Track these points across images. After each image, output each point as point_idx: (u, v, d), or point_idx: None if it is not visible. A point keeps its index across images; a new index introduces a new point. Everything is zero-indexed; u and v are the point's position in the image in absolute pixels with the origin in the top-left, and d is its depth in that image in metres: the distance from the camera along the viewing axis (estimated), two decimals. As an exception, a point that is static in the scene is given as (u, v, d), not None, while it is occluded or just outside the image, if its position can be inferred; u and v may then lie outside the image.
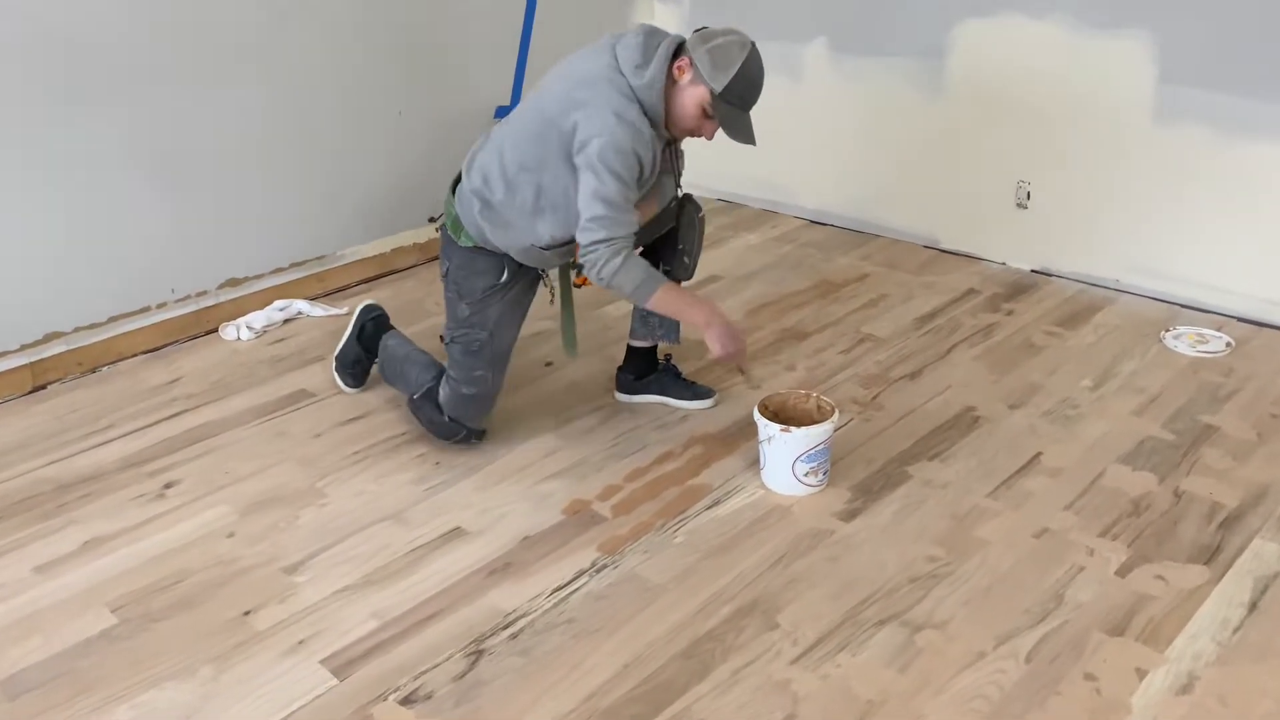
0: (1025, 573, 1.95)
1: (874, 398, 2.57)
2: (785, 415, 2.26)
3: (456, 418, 2.33)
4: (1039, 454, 2.32)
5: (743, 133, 2.14)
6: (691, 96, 2.11)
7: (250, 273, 3.11)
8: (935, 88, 3.29)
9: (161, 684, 1.77)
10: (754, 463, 2.30)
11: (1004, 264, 3.31)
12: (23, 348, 2.72)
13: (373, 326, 2.65)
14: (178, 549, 2.11)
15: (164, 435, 2.52)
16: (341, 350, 2.67)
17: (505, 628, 1.86)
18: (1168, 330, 2.84)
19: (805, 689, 1.70)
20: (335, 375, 2.69)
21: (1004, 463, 2.29)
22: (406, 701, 1.71)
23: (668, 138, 2.19)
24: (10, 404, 2.68)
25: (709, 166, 4.03)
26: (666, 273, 2.37)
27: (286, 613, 1.92)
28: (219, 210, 2.98)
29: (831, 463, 2.22)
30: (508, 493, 2.24)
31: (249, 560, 2.07)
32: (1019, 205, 3.23)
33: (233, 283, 3.08)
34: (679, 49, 2.12)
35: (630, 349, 2.56)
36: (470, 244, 2.28)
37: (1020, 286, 3.16)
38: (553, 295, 2.42)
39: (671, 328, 2.50)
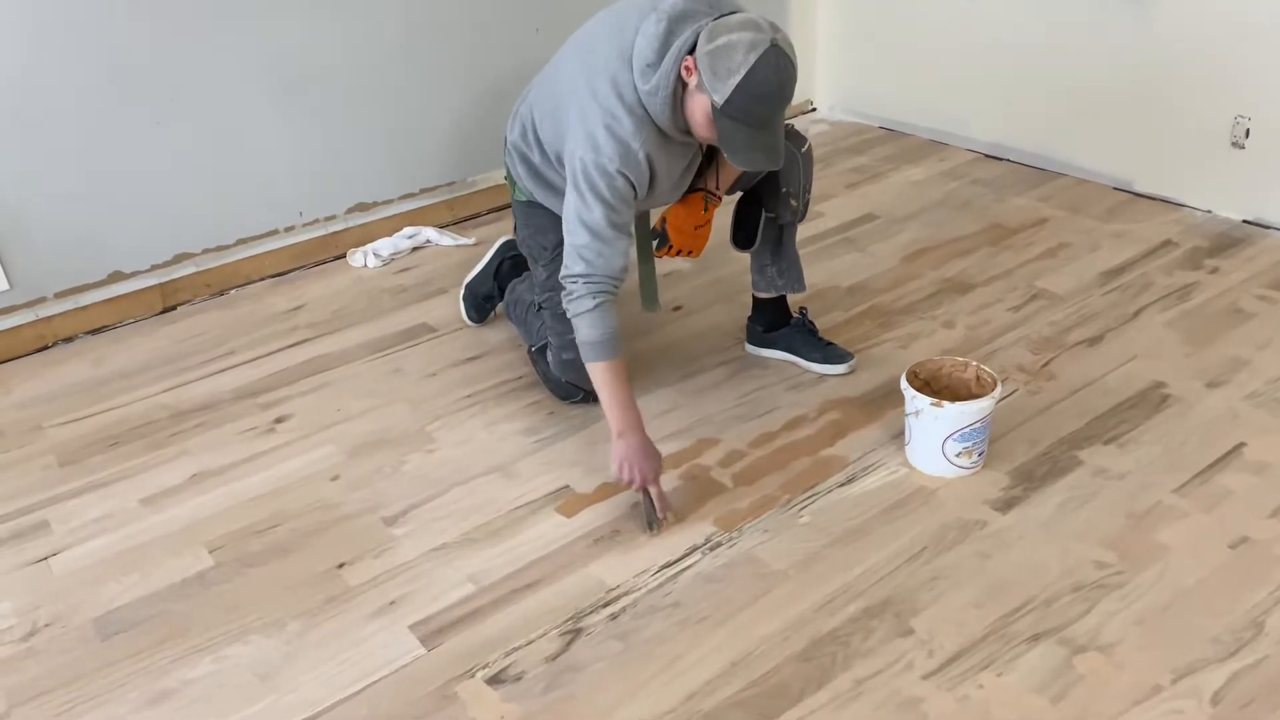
0: (1216, 591, 1.65)
1: (1044, 365, 2.26)
2: (938, 385, 1.99)
3: (570, 380, 2.16)
4: (1241, 445, 1.97)
5: (748, 154, 1.75)
6: (699, 105, 1.73)
7: (379, 198, 3.00)
8: (1136, 0, 2.85)
9: (247, 636, 1.69)
10: (897, 436, 2.04)
11: (1210, 212, 2.87)
12: (153, 268, 2.70)
13: (510, 266, 2.50)
14: (281, 489, 2.03)
15: (281, 365, 2.46)
16: (474, 281, 2.54)
17: (606, 605, 1.70)
18: None
19: (939, 711, 1.48)
20: (461, 305, 2.56)
21: (1196, 453, 1.96)
22: (495, 681, 1.58)
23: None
24: (141, 324, 2.67)
25: (868, 90, 3.68)
26: (771, 219, 2.11)
27: (381, 568, 1.81)
28: (348, 133, 2.87)
29: (989, 441, 1.94)
30: (622, 451, 2.07)
31: (350, 507, 1.97)
32: (1234, 144, 2.78)
33: (361, 208, 2.98)
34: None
35: (756, 300, 2.32)
36: (525, 198, 2.09)
37: (1228, 240, 2.73)
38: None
39: (794, 277, 2.24)
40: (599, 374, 1.87)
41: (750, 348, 2.35)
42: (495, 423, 2.19)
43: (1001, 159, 3.33)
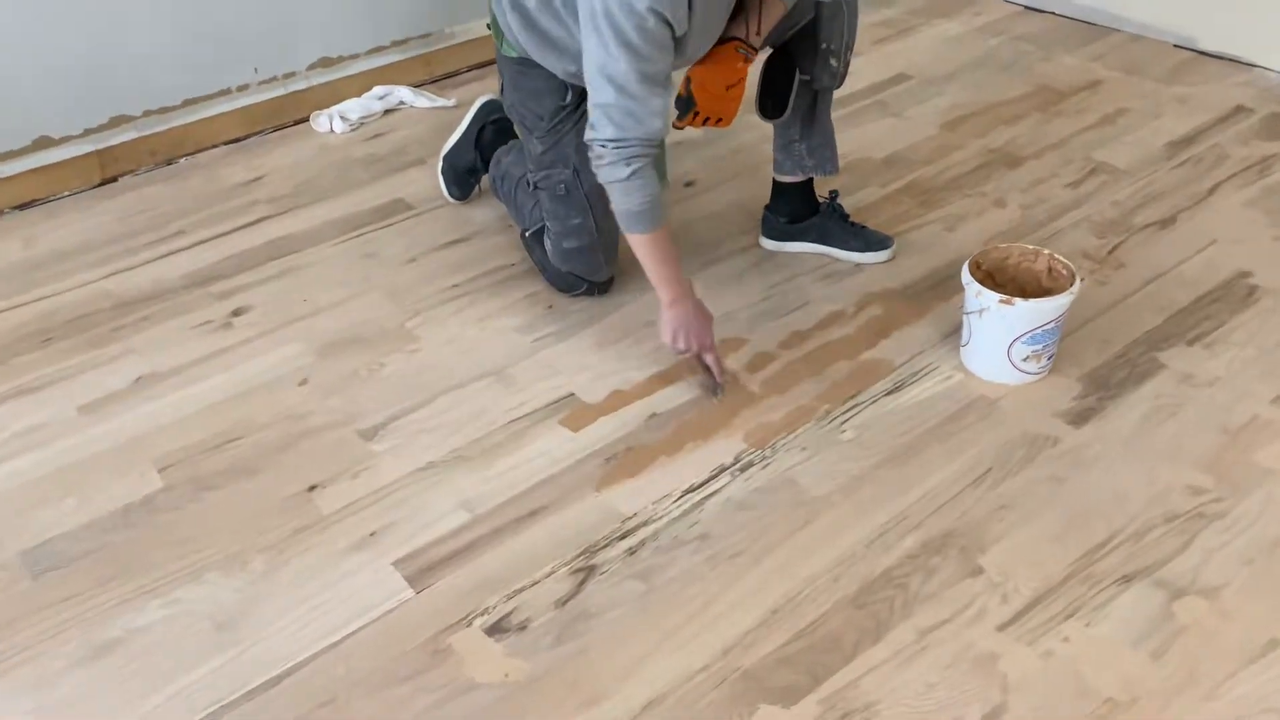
0: (1330, 522, 1.43)
1: (1111, 251, 1.98)
2: (1003, 278, 1.72)
3: (572, 271, 1.87)
4: (1343, 345, 1.73)
5: None
6: None
7: (345, 52, 2.63)
8: None
9: (204, 574, 1.45)
10: (951, 334, 1.78)
11: (1284, 74, 2.56)
12: (87, 133, 2.36)
13: (493, 131, 2.17)
14: (241, 395, 1.76)
15: (239, 248, 2.15)
16: (452, 152, 2.21)
17: (622, 537, 1.46)
18: None
19: (1019, 670, 1.26)
20: (441, 180, 2.24)
21: (1294, 356, 1.71)
22: (496, 630, 1.35)
23: None
24: (77, 198, 2.34)
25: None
26: (805, 83, 1.81)
27: (359, 492, 1.56)
28: (307, -27, 2.49)
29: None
30: (632, 353, 1.80)
31: (321, 418, 1.71)
32: (1320, -5, 2.44)
33: (325, 63, 2.61)
34: None
35: (777, 186, 2.00)
36: (515, 54, 1.75)
37: (1307, 106, 2.43)
38: None
39: (826, 156, 1.92)
40: (642, 247, 1.63)
41: (767, 243, 2.05)
42: (487, 318, 1.91)
43: (1044, 11, 2.97)
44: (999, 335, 1.63)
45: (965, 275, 1.65)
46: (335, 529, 1.51)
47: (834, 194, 1.99)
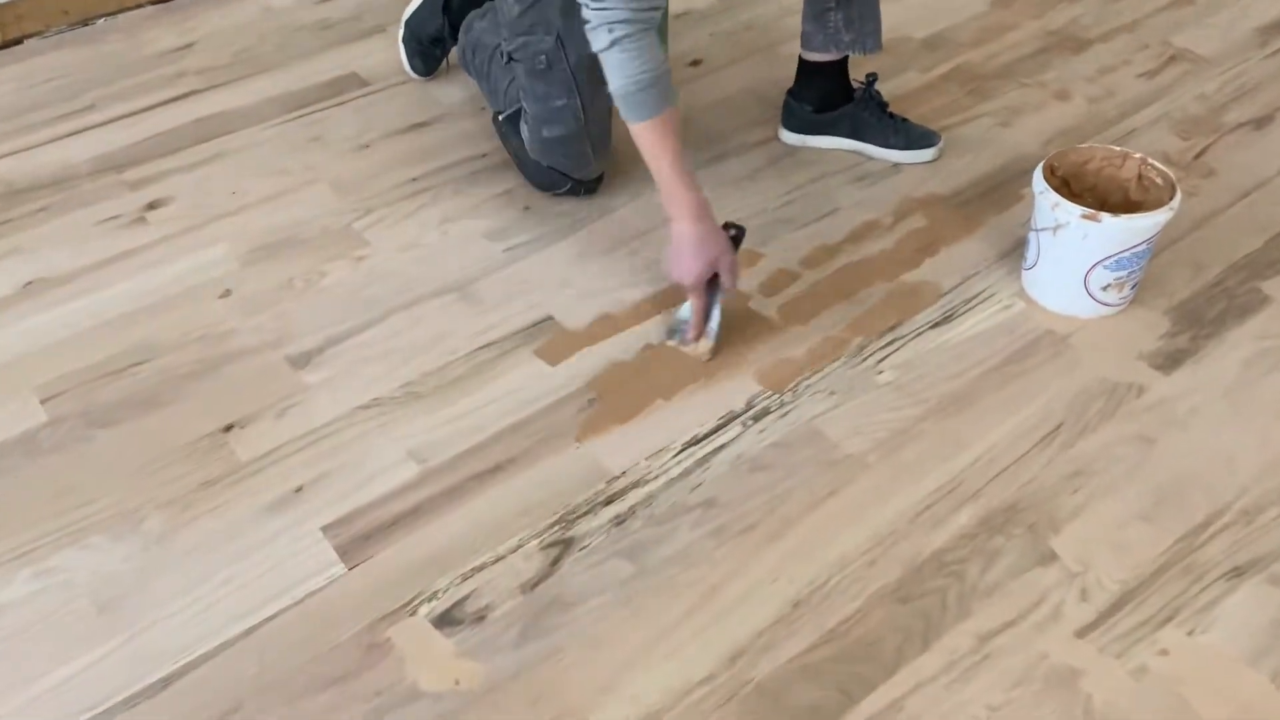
0: None
1: (1198, 155, 1.67)
2: (1080, 186, 1.41)
3: (553, 165, 1.55)
4: None
5: None
6: None
7: (293, -104, 2.24)
8: None
9: (87, 537, 1.17)
10: (1010, 253, 1.48)
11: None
12: (-19, -15, 1.98)
13: (464, -7, 1.82)
14: (149, 309, 1.45)
15: (160, 127, 1.81)
16: (415, 18, 1.86)
17: (608, 502, 1.18)
18: None
19: (1106, 691, 1.00)
20: (402, 50, 1.89)
21: None
22: (445, 622, 1.08)
23: None
24: (-28, 64, 1.99)
25: None
26: None
27: (285, 434, 1.27)
28: None
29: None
30: (624, 267, 1.49)
31: (244, 338, 1.40)
32: None
33: (269, -90, 2.22)
34: None
35: (805, 66, 1.66)
36: None
37: None
38: None
39: (867, 30, 1.58)
40: (645, 136, 1.28)
41: (789, 136, 1.71)
42: (451, 220, 1.59)
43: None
44: (1076, 258, 1.32)
45: (1039, 182, 1.33)
46: (253, 481, 1.22)
47: (872, 78, 1.66)
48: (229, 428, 1.28)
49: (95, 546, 1.16)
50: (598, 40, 1.23)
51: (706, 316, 1.34)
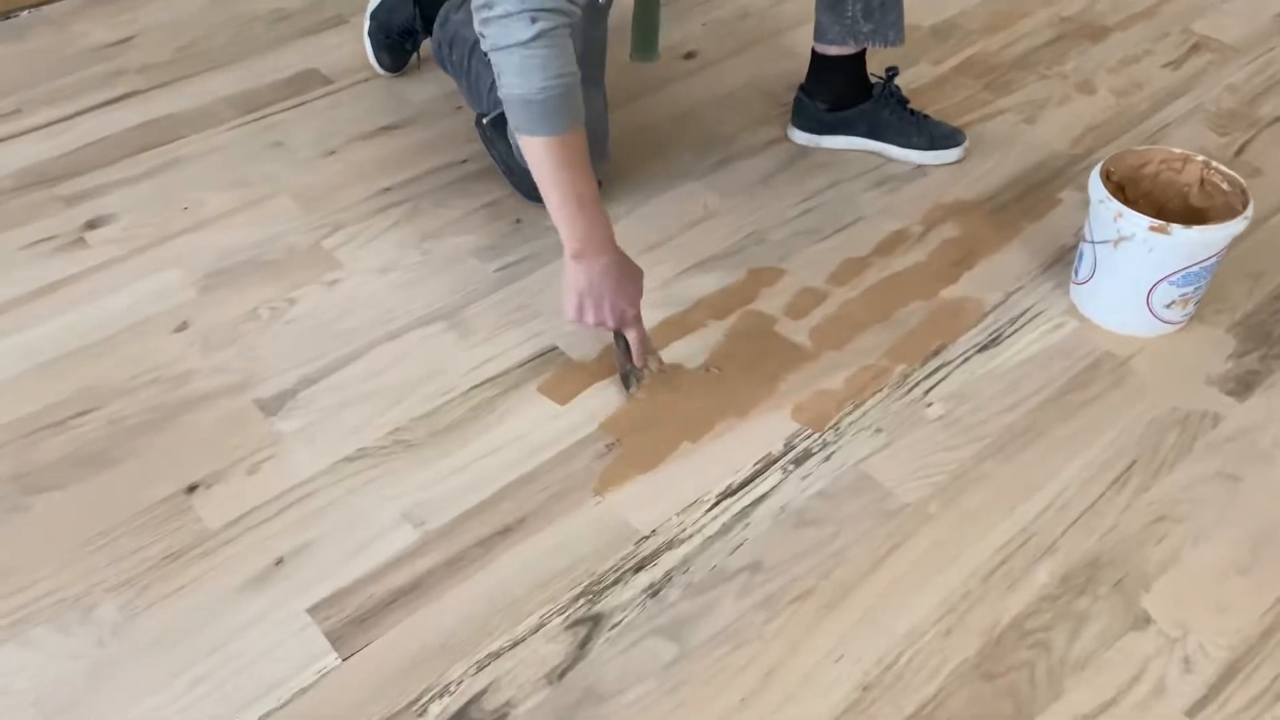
0: None
1: (1238, 152, 1.55)
2: (1136, 192, 1.28)
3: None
4: None
5: None
6: None
7: (238, -126, 2.04)
8: None
9: (27, 631, 0.99)
10: (1053, 264, 1.35)
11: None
12: (-113, -25, 1.77)
13: (435, -20, 1.64)
14: (92, 347, 1.27)
15: (97, 134, 1.62)
16: (382, 7, 1.69)
17: (638, 569, 1.03)
18: None
19: (1224, 782, 0.88)
20: (368, 44, 1.71)
21: None
22: None
23: None
24: (-121, 64, 1.77)
25: None
26: None
27: (258, 495, 1.10)
28: None
29: (1203, 280, 1.26)
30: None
31: (205, 381, 1.23)
32: None
33: (212, -111, 2.02)
34: None
35: (819, 60, 1.51)
36: None
37: None
38: None
39: (889, 20, 1.43)
40: (541, 157, 1.08)
41: (799, 135, 1.57)
42: (432, 237, 1.42)
43: None
44: (1140, 273, 1.20)
45: (1098, 189, 1.20)
46: (224, 554, 1.05)
47: (892, 72, 1.52)
48: (192, 489, 1.11)
49: (37, 643, 0.98)
50: (514, 31, 1.03)
51: (627, 347, 1.20)
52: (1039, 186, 1.49)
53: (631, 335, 1.18)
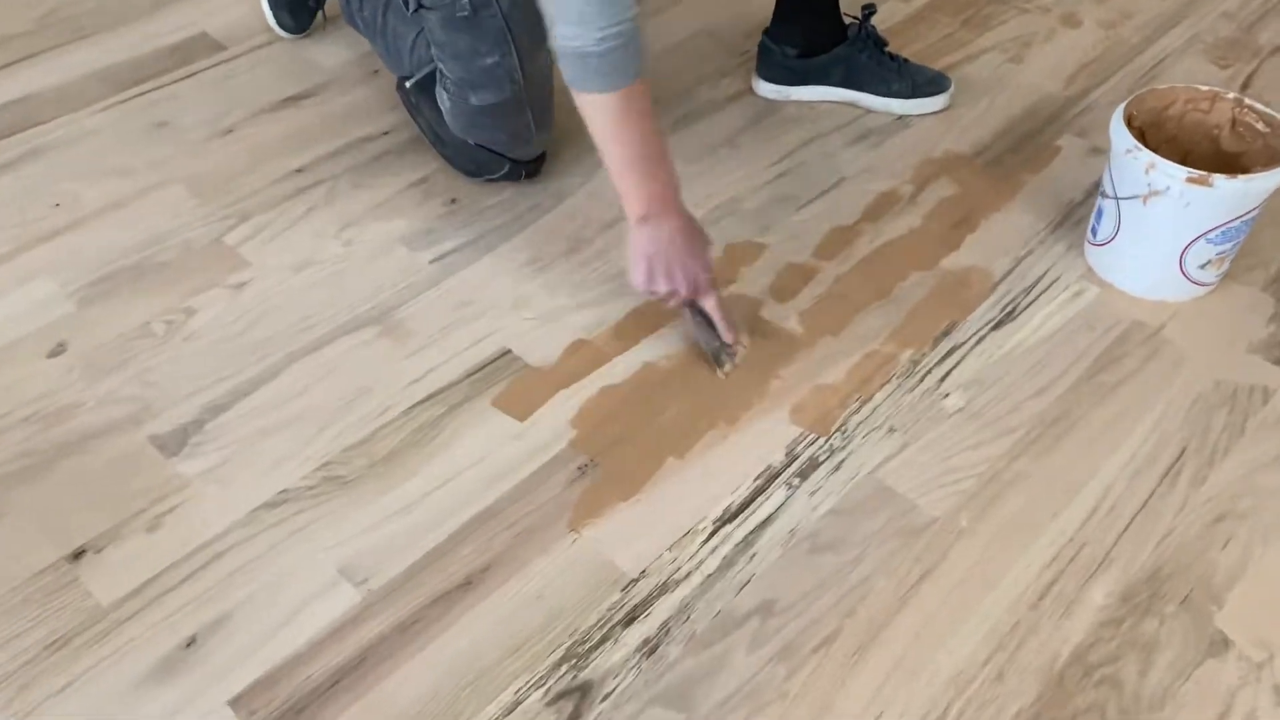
0: None
1: (1244, 86, 1.42)
2: (1158, 136, 1.13)
3: (484, 143, 1.20)
4: None
5: None
6: None
7: None
8: None
9: (-124, 756, 0.80)
10: (1062, 222, 1.21)
11: None
12: None
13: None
14: (-52, 380, 1.06)
15: (-54, 120, 1.38)
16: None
17: (629, 622, 0.86)
18: None
19: (1340, 837, 0.75)
20: (264, 4, 1.49)
21: None
22: (426, 828, 0.75)
23: None
24: None
25: None
26: None
27: (161, 558, 0.91)
28: None
29: (1234, 233, 1.12)
30: (593, 273, 1.16)
31: (89, 415, 1.02)
32: None
33: None
34: None
35: (785, 2, 1.34)
36: None
37: None
38: None
39: None
40: (615, 109, 0.96)
41: (765, 88, 1.39)
42: (354, 224, 1.22)
43: None
44: (1174, 230, 1.05)
45: (1123, 137, 1.05)
46: (122, 636, 0.86)
47: (869, 10, 1.34)
48: (79, 554, 0.91)
49: (-112, 769, 0.79)
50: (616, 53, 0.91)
51: (707, 320, 1.06)
52: (1035, 134, 1.33)
53: (709, 303, 1.04)
